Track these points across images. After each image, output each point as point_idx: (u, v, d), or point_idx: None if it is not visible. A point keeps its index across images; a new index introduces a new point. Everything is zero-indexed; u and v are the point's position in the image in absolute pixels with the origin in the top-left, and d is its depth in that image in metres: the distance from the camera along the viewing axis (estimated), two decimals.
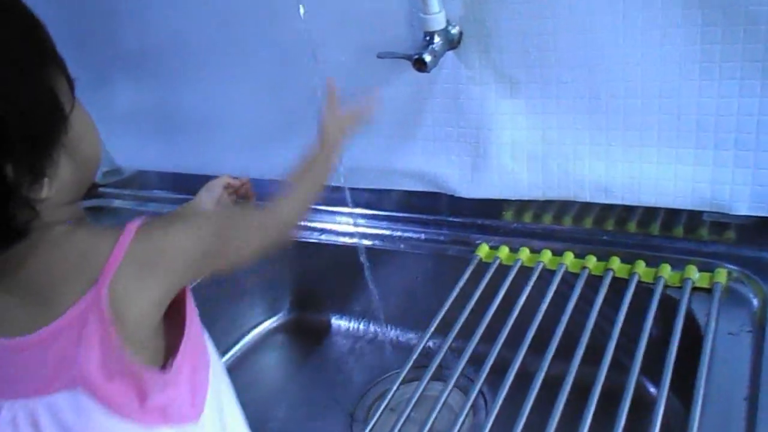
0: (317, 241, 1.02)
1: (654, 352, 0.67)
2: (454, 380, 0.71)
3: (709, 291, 0.73)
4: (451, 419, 0.67)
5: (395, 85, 0.87)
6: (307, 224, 1.05)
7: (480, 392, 0.79)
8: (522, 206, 0.91)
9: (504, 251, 0.87)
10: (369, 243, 0.97)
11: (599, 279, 0.79)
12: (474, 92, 0.83)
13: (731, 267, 0.75)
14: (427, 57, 0.77)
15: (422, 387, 0.71)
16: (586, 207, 0.86)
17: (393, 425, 0.67)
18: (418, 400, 0.70)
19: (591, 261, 0.82)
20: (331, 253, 1.02)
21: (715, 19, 0.67)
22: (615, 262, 0.80)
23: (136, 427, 0.49)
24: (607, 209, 0.85)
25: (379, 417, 0.72)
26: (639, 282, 0.77)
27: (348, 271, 0.99)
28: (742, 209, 0.76)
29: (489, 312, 0.78)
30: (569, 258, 0.83)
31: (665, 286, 0.76)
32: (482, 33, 0.79)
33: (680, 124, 0.74)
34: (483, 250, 0.89)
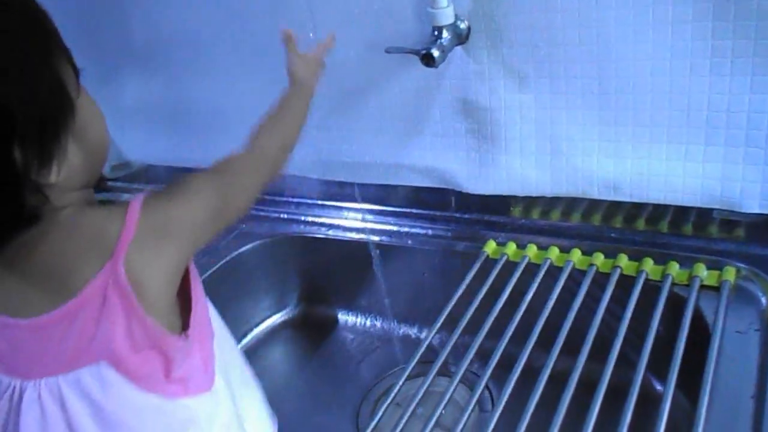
0: (325, 237, 1.02)
1: (661, 350, 0.67)
2: (460, 376, 0.71)
3: (718, 289, 0.73)
4: (457, 414, 0.67)
5: (403, 81, 0.87)
6: (315, 219, 1.05)
7: (486, 387, 0.79)
8: (530, 203, 0.91)
9: (511, 248, 0.87)
10: (376, 238, 0.97)
11: (606, 276, 0.79)
12: (482, 87, 0.83)
13: (740, 265, 0.75)
14: (436, 52, 0.76)
15: (428, 382, 0.72)
16: (595, 204, 0.86)
17: (399, 420, 0.67)
18: (424, 395, 0.71)
19: (599, 258, 0.81)
20: (339, 249, 1.02)
21: (727, 15, 0.67)
22: (623, 260, 0.80)
23: (161, 400, 0.51)
24: (616, 206, 0.85)
25: (385, 412, 0.72)
26: (647, 280, 0.77)
27: (355, 267, 0.99)
28: (753, 207, 0.75)
29: (495, 308, 0.78)
30: (577, 255, 0.83)
31: (673, 284, 0.75)
32: (491, 28, 0.78)
33: (690, 121, 0.74)
34: (490, 247, 0.89)
